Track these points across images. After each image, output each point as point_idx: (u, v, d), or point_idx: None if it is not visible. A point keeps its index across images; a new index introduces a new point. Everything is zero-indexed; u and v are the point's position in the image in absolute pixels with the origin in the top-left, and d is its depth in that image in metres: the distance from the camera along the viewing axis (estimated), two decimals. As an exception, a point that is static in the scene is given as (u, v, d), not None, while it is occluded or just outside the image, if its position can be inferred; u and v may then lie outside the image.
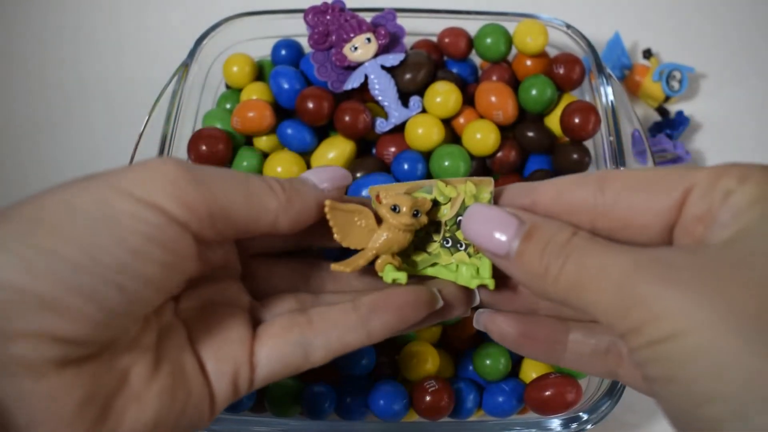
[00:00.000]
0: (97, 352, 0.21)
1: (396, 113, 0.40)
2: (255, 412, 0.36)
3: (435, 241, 0.28)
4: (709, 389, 0.18)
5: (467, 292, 0.27)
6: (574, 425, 0.33)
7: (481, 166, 0.42)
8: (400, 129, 0.41)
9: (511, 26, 0.43)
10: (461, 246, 0.27)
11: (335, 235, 0.26)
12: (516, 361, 0.37)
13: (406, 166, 0.39)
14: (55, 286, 0.19)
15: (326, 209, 0.25)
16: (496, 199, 0.26)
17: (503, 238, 0.23)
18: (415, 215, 0.26)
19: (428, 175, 0.40)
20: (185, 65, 0.42)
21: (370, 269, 0.27)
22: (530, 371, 0.36)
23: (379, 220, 0.26)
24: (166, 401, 0.22)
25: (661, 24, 0.54)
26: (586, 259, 0.21)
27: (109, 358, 0.21)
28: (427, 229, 0.27)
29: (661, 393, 0.20)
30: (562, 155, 0.40)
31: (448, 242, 0.27)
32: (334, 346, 0.25)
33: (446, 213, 0.27)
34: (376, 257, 0.26)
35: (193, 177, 0.22)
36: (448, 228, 0.27)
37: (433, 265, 0.28)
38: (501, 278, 0.26)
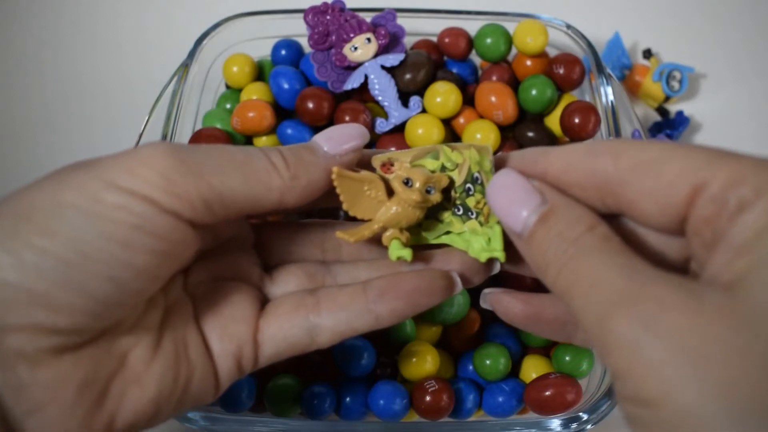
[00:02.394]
0: (95, 338, 0.21)
1: (396, 113, 0.40)
2: (255, 412, 0.36)
3: (447, 209, 0.26)
4: None
5: (484, 264, 0.26)
6: (574, 425, 0.33)
7: (481, 166, 0.42)
8: (400, 129, 0.41)
9: (511, 26, 0.43)
10: (472, 214, 0.26)
11: (343, 204, 0.25)
12: (516, 361, 0.37)
13: (406, 166, 0.39)
14: (45, 282, 0.19)
15: (333, 177, 0.24)
16: (500, 164, 0.25)
17: (523, 213, 0.22)
18: (428, 192, 0.25)
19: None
20: (185, 65, 0.42)
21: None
22: (530, 371, 0.36)
23: (390, 191, 0.25)
24: (167, 381, 0.22)
25: (661, 24, 0.54)
26: (582, 268, 0.20)
27: (107, 342, 0.21)
28: (440, 200, 0.26)
29: None
30: (562, 155, 0.40)
31: (459, 210, 0.26)
32: (341, 329, 0.25)
33: (455, 180, 0.26)
34: (384, 230, 0.25)
35: (184, 165, 0.21)
36: (458, 195, 0.26)
37: (447, 233, 0.27)
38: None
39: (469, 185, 0.26)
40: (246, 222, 0.27)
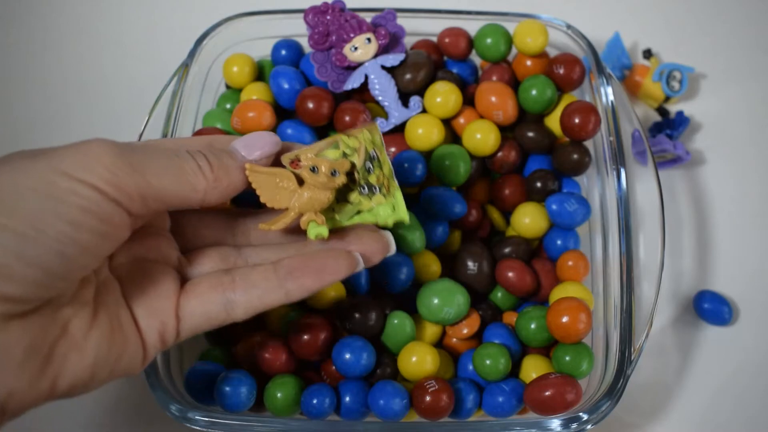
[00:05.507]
0: (40, 307, 0.23)
1: (396, 113, 0.40)
2: (255, 412, 0.36)
3: (354, 191, 0.30)
4: None
5: (383, 243, 0.30)
6: (574, 425, 0.33)
7: (481, 166, 0.42)
8: (400, 129, 0.41)
9: (511, 26, 0.43)
10: (376, 189, 0.30)
11: (260, 198, 0.28)
12: (516, 361, 0.37)
13: (406, 166, 0.39)
14: (4, 254, 0.22)
15: (247, 173, 0.27)
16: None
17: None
18: (333, 175, 0.28)
19: (429, 176, 0.40)
20: (185, 65, 0.42)
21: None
22: (530, 371, 0.36)
23: (301, 182, 0.28)
24: (104, 349, 0.25)
25: (661, 24, 0.54)
26: None
27: (51, 312, 0.24)
28: (345, 182, 0.29)
29: None
30: (562, 155, 0.40)
31: (365, 189, 0.30)
32: (254, 304, 0.28)
33: (356, 163, 0.29)
34: (301, 215, 0.29)
35: (128, 164, 0.24)
36: (361, 176, 0.29)
37: (358, 212, 0.30)
38: None
39: (368, 164, 0.29)
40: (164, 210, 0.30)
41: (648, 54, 0.51)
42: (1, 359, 0.22)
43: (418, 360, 0.35)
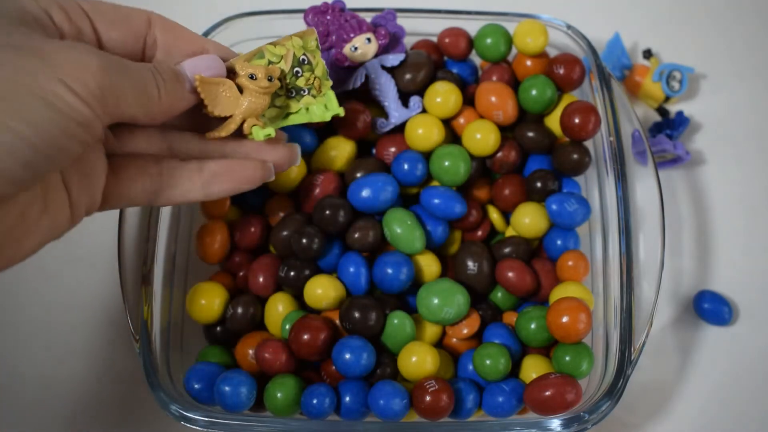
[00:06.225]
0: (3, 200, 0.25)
1: (396, 113, 0.40)
2: (255, 412, 0.36)
3: (281, 96, 0.33)
4: None
5: (292, 154, 0.34)
6: (574, 425, 0.33)
7: (481, 166, 0.42)
8: (400, 129, 0.41)
9: (511, 26, 0.43)
10: (304, 91, 0.33)
11: (207, 107, 0.30)
12: (516, 361, 0.37)
13: (406, 166, 0.39)
14: (11, 161, 0.23)
15: (197, 84, 0.29)
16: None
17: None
18: (269, 80, 0.31)
19: (428, 176, 0.40)
20: (185, 65, 0.42)
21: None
22: (530, 371, 0.36)
23: (241, 92, 0.31)
24: (50, 228, 0.27)
25: (661, 24, 0.54)
26: None
27: (13, 201, 0.25)
28: (280, 86, 0.32)
29: None
30: (562, 155, 0.40)
31: (292, 93, 0.33)
32: (175, 200, 0.31)
33: (284, 69, 0.32)
34: (244, 120, 0.31)
35: (113, 85, 0.26)
36: (288, 81, 0.33)
37: (287, 116, 0.33)
38: None
39: (297, 69, 0.33)
40: None
41: (648, 54, 0.51)
42: None
43: (418, 360, 0.35)
